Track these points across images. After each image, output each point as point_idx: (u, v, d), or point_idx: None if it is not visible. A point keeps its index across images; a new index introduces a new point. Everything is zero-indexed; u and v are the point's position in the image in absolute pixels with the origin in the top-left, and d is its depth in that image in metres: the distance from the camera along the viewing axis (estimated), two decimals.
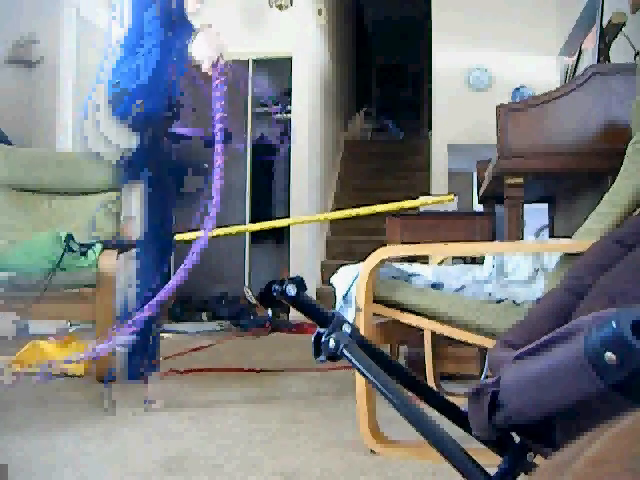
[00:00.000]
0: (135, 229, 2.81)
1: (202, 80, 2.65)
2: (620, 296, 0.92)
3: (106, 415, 2.16)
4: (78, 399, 2.40)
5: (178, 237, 2.67)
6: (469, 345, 1.90)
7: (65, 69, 4.81)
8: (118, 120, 2.65)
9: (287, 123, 6.00)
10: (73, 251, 2.82)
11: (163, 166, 2.72)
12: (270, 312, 5.17)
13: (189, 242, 2.48)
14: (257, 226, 4.03)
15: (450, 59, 5.86)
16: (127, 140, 3.04)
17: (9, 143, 4.15)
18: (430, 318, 1.77)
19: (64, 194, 3.47)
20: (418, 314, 1.78)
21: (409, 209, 3.59)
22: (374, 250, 1.76)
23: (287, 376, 2.92)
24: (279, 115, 6.39)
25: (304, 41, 5.97)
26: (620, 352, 0.58)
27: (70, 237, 2.88)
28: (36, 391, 2.52)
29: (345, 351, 1.02)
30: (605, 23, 2.76)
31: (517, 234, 2.64)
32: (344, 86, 8.60)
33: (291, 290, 1.05)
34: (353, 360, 1.01)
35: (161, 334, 4.51)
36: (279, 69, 6.35)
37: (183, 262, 2.36)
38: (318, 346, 1.07)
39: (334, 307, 1.94)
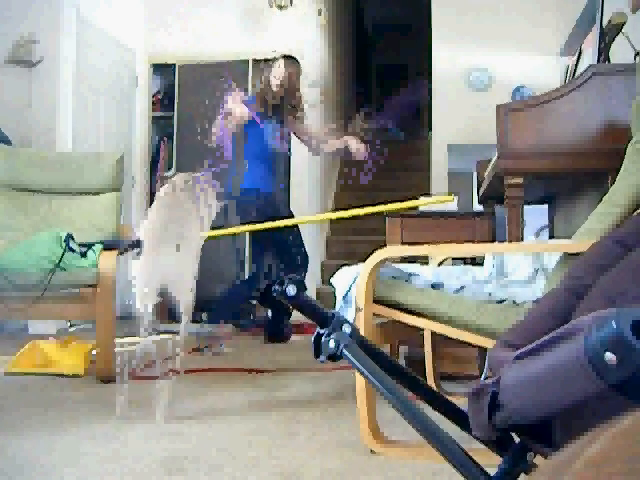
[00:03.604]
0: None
1: None
2: (620, 296, 0.92)
3: (106, 415, 2.16)
4: (79, 399, 2.40)
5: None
6: (469, 345, 1.90)
7: (65, 69, 4.81)
8: None
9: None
10: (73, 251, 2.82)
11: None
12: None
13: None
14: (257, 226, 4.02)
15: (450, 59, 5.86)
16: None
17: (9, 143, 4.15)
18: (430, 318, 1.77)
19: (64, 194, 3.47)
20: (418, 314, 1.78)
21: (409, 209, 3.59)
22: (374, 250, 1.76)
23: (287, 376, 2.92)
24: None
25: (304, 41, 5.97)
26: (620, 352, 0.58)
27: (70, 237, 2.88)
28: (36, 391, 2.52)
29: (345, 351, 1.03)
30: (605, 23, 2.76)
31: (517, 234, 2.64)
32: (344, 86, 8.60)
33: (291, 290, 1.05)
34: (353, 360, 1.02)
35: (161, 334, 4.51)
36: None
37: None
38: (318, 346, 1.07)
39: (334, 307, 1.94)
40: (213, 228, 3.44)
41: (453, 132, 5.81)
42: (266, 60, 5.90)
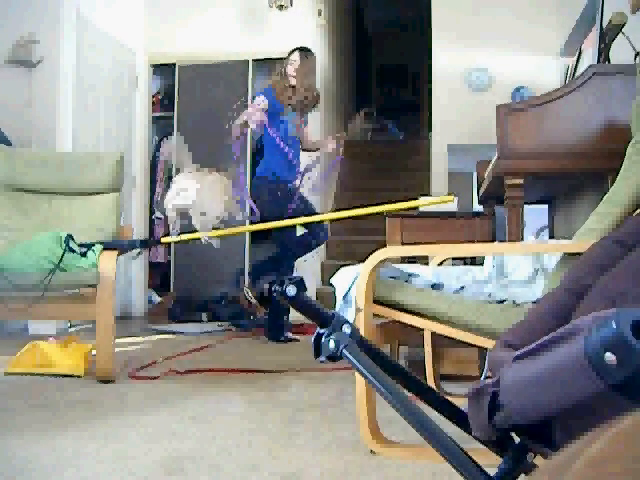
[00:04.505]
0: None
1: None
2: (620, 296, 0.92)
3: (106, 415, 2.16)
4: (78, 399, 2.40)
5: None
6: (469, 345, 1.90)
7: (65, 69, 4.81)
8: None
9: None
10: (73, 251, 2.82)
11: None
12: (268, 312, 5.16)
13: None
14: (257, 226, 4.03)
15: (450, 59, 5.86)
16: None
17: (9, 143, 4.15)
18: (430, 318, 1.77)
19: (64, 194, 3.46)
20: (418, 314, 1.78)
21: (409, 209, 3.59)
22: (374, 250, 1.76)
23: (287, 376, 2.92)
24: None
25: (304, 41, 5.96)
26: (620, 352, 0.58)
27: (70, 237, 2.88)
28: (36, 391, 2.52)
29: (345, 351, 1.03)
30: (605, 23, 2.76)
31: (517, 234, 2.64)
32: (344, 86, 8.60)
33: (291, 290, 1.05)
34: (353, 360, 1.02)
35: (161, 335, 4.52)
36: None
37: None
38: (318, 346, 1.07)
39: (334, 307, 1.94)
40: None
41: (453, 132, 5.80)
42: (270, 59, 5.95)
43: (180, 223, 3.15)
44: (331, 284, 2.06)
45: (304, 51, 4.29)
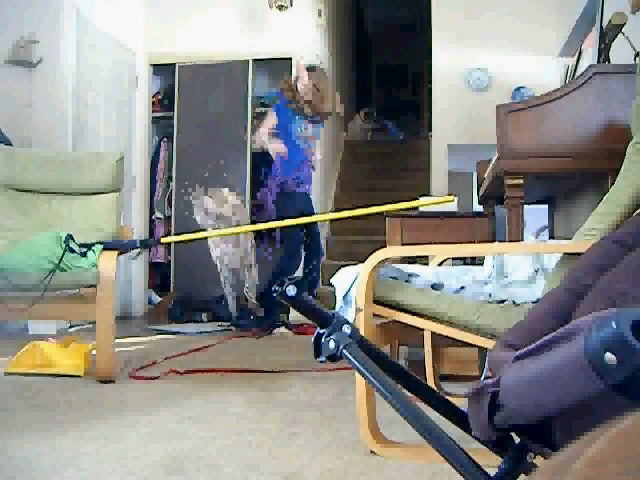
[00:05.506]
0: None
1: None
2: (620, 296, 0.92)
3: (106, 415, 2.16)
4: (78, 399, 2.40)
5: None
6: (469, 346, 1.90)
7: (65, 69, 4.81)
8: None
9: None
10: (73, 251, 2.82)
11: None
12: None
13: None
14: (257, 226, 4.03)
15: (450, 59, 5.86)
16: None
17: (9, 143, 4.15)
18: (430, 318, 1.77)
19: (64, 194, 3.46)
20: (418, 314, 1.78)
21: (409, 210, 3.59)
22: (374, 251, 1.76)
23: (287, 377, 2.92)
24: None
25: (304, 42, 5.97)
26: (620, 352, 0.58)
27: (70, 237, 2.88)
28: (36, 391, 2.52)
29: (345, 352, 1.03)
30: (605, 23, 2.76)
31: (517, 235, 2.64)
32: (344, 86, 8.59)
33: (291, 290, 1.05)
34: (353, 361, 1.02)
35: (161, 335, 4.52)
36: (279, 69, 6.35)
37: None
38: (318, 347, 1.07)
39: (334, 308, 1.94)
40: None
41: (453, 132, 5.81)
42: (270, 59, 5.98)
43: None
44: (331, 284, 2.06)
45: (310, 69, 4.62)
